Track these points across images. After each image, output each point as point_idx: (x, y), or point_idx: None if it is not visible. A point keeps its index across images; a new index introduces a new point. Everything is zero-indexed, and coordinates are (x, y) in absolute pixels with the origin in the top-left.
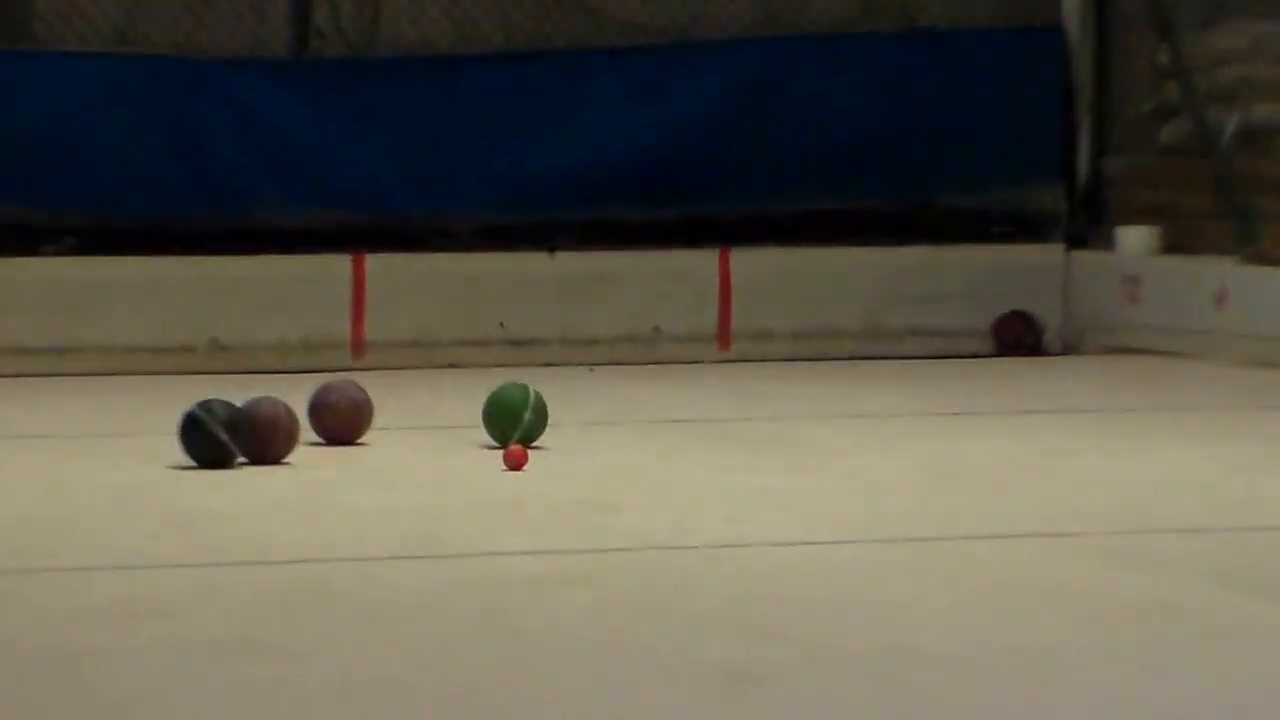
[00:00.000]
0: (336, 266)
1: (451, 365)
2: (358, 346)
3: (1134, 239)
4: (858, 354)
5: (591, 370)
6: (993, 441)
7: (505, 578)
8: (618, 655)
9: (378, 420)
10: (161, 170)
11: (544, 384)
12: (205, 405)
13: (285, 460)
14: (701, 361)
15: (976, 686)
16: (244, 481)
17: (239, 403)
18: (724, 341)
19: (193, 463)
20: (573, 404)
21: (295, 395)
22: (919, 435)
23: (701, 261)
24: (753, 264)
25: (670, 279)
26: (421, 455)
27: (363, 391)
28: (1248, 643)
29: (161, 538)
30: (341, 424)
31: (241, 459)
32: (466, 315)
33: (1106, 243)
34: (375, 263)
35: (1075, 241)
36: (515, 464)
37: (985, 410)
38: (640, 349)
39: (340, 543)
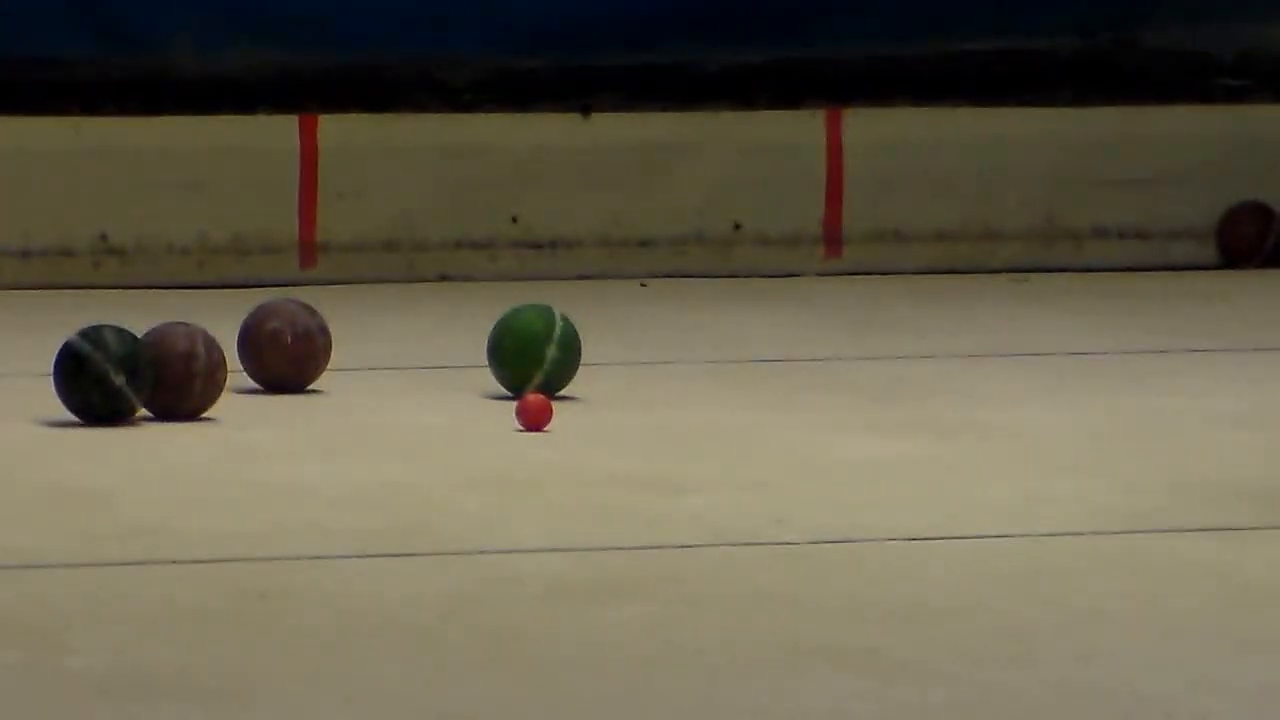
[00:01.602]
0: (277, 133)
1: (442, 277)
2: (308, 250)
3: None
4: (1023, 264)
5: (644, 286)
6: (1217, 393)
7: (517, 587)
8: (678, 700)
9: (335, 357)
10: None
11: (576, 306)
12: (90, 335)
13: (205, 414)
14: (801, 274)
15: None
16: (145, 445)
17: (139, 331)
18: (833, 245)
19: (72, 416)
20: (617, 335)
21: (219, 320)
22: (1111, 383)
23: (801, 128)
24: (875, 132)
25: (756, 154)
26: (399, 409)
27: (315, 316)
28: None
29: (24, 527)
30: (285, 362)
31: (142, 411)
32: (463, 205)
33: None
34: (332, 127)
35: None
36: (534, 422)
37: (1206, 346)
38: (713, 255)
39: (283, 536)
